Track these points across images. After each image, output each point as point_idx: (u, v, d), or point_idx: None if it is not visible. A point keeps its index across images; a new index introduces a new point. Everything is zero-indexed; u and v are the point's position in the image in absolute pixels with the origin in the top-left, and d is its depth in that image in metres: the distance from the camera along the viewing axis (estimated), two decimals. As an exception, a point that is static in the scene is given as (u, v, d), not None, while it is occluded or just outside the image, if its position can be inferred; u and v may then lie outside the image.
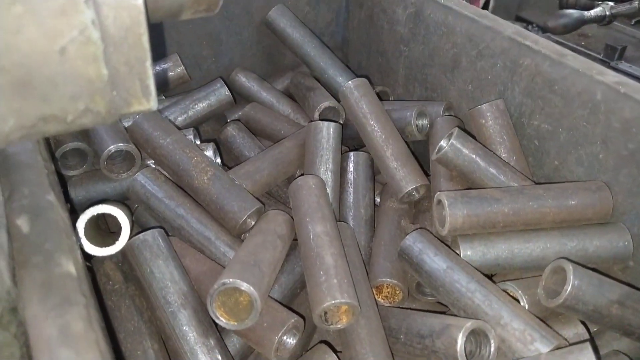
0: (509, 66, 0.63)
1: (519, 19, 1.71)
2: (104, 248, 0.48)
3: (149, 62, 0.32)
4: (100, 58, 0.31)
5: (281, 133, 0.73)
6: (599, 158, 0.56)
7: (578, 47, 1.12)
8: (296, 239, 0.55)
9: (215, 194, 0.55)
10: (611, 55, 1.05)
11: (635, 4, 0.86)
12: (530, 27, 1.82)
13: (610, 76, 0.55)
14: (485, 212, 0.53)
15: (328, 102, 0.71)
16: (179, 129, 0.67)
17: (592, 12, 0.87)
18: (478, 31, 0.66)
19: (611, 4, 1.03)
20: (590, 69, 0.56)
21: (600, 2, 1.13)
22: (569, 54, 0.59)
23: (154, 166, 0.60)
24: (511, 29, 0.63)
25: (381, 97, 0.81)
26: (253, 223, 0.55)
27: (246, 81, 0.79)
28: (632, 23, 1.02)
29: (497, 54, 0.64)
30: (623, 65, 1.04)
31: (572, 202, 0.54)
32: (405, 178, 0.62)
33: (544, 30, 1.23)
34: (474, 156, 0.58)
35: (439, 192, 0.54)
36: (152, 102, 0.34)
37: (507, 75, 0.64)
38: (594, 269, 0.49)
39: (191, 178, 0.56)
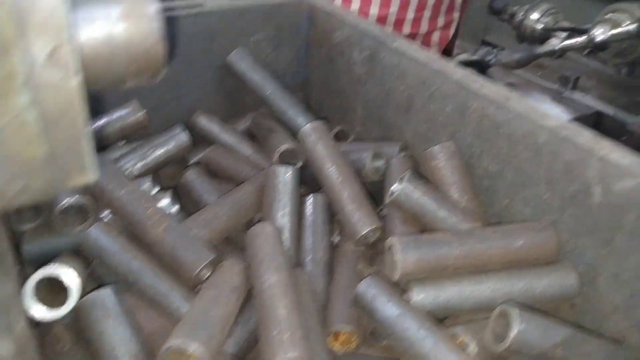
0: (458, 109, 0.65)
1: (484, 43, 1.78)
2: (51, 311, 0.48)
3: (86, 138, 0.33)
4: (37, 139, 0.32)
5: (242, 175, 0.73)
6: (544, 199, 0.58)
7: (534, 79, 1.16)
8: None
9: (170, 246, 0.55)
10: (565, 86, 1.10)
11: (583, 38, 0.90)
12: (496, 50, 1.88)
13: (552, 120, 0.57)
14: (435, 256, 0.54)
15: (286, 145, 0.72)
16: (138, 176, 0.68)
17: (543, 48, 0.91)
18: (429, 75, 0.68)
19: (564, 35, 1.07)
20: (533, 112, 0.59)
21: (555, 34, 1.18)
22: (514, 98, 0.61)
23: (108, 219, 0.60)
24: (459, 73, 0.66)
25: (341, 136, 0.83)
26: (209, 274, 0.56)
27: (207, 124, 0.80)
28: (584, 54, 1.06)
29: (447, 97, 0.66)
30: (576, 95, 1.09)
31: (519, 243, 0.56)
32: (361, 221, 0.63)
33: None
34: (424, 199, 0.59)
35: (390, 237, 0.56)
36: (90, 176, 0.35)
37: (457, 118, 0.66)
38: (540, 310, 0.51)
39: (146, 230, 0.56)
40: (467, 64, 1.29)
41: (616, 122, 1.03)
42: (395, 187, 0.60)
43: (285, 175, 0.64)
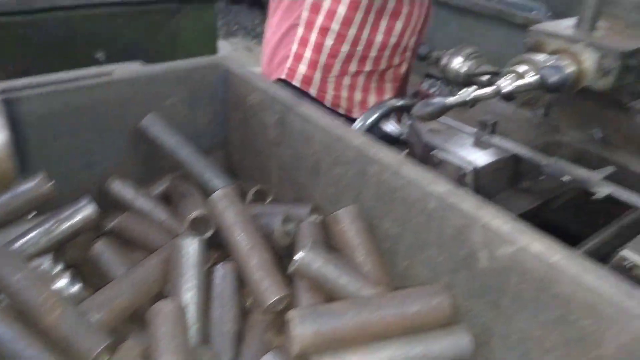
0: (359, 173, 0.67)
1: (428, 76, 1.87)
2: None
3: None
4: None
5: (155, 242, 0.73)
6: (439, 261, 0.60)
7: (455, 124, 1.20)
8: (151, 370, 0.54)
9: (64, 332, 0.54)
10: (484, 130, 1.14)
11: (492, 89, 0.95)
12: (439, 82, 1.97)
13: (441, 186, 0.60)
14: (333, 327, 0.55)
15: (196, 213, 0.72)
16: (41, 253, 0.66)
17: (453, 100, 0.95)
18: (332, 140, 0.70)
19: (476, 85, 1.12)
20: (424, 179, 0.61)
21: (477, 78, 1.24)
22: (406, 165, 0.63)
23: (5, 304, 0.59)
24: (358, 140, 0.68)
25: (260, 195, 0.83)
26: (107, 359, 0.55)
27: (121, 190, 0.80)
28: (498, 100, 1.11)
29: (349, 162, 0.68)
30: (495, 139, 1.13)
31: (415, 309, 0.57)
32: (269, 289, 0.63)
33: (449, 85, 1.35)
34: (325, 268, 0.60)
35: (290, 311, 0.56)
36: None
37: (359, 182, 0.68)
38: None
39: (40, 316, 0.55)
40: (396, 109, 1.33)
41: (532, 164, 1.07)
42: (297, 256, 0.61)
43: (190, 247, 0.64)
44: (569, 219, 1.15)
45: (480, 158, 1.09)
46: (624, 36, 1.10)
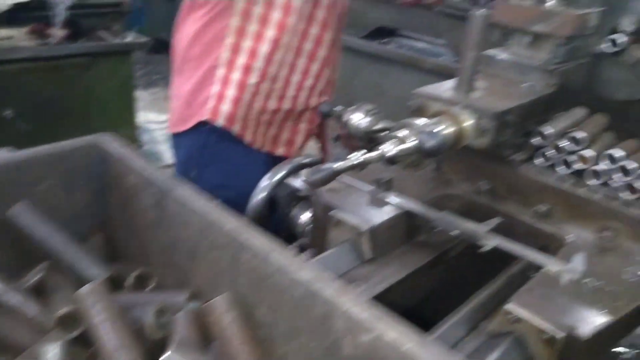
0: (233, 259, 0.67)
1: None
2: None
3: None
4: None
5: (23, 342, 0.68)
6: (311, 348, 0.60)
7: (353, 182, 1.24)
8: None
9: None
10: (379, 188, 1.18)
11: (377, 153, 0.98)
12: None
13: (306, 273, 0.60)
14: None
15: (63, 311, 0.68)
16: None
17: (342, 165, 0.97)
18: (206, 225, 0.70)
19: (375, 140, 1.17)
20: (291, 266, 0.61)
21: (376, 134, 1.29)
22: (275, 251, 0.63)
23: None
24: (231, 224, 0.68)
25: (141, 280, 0.81)
26: None
27: (-13, 286, 0.74)
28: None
29: (223, 247, 0.68)
30: (390, 196, 1.17)
31: (284, 403, 0.56)
32: (137, 392, 0.60)
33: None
34: (192, 367, 0.59)
35: (151, 420, 0.54)
36: None
37: (234, 267, 0.67)
38: None
39: None
40: (304, 166, 1.35)
41: (424, 219, 1.12)
42: (161, 358, 0.59)
43: (51, 354, 0.60)
44: (465, 268, 1.19)
45: (376, 216, 1.12)
46: (501, 95, 1.19)
